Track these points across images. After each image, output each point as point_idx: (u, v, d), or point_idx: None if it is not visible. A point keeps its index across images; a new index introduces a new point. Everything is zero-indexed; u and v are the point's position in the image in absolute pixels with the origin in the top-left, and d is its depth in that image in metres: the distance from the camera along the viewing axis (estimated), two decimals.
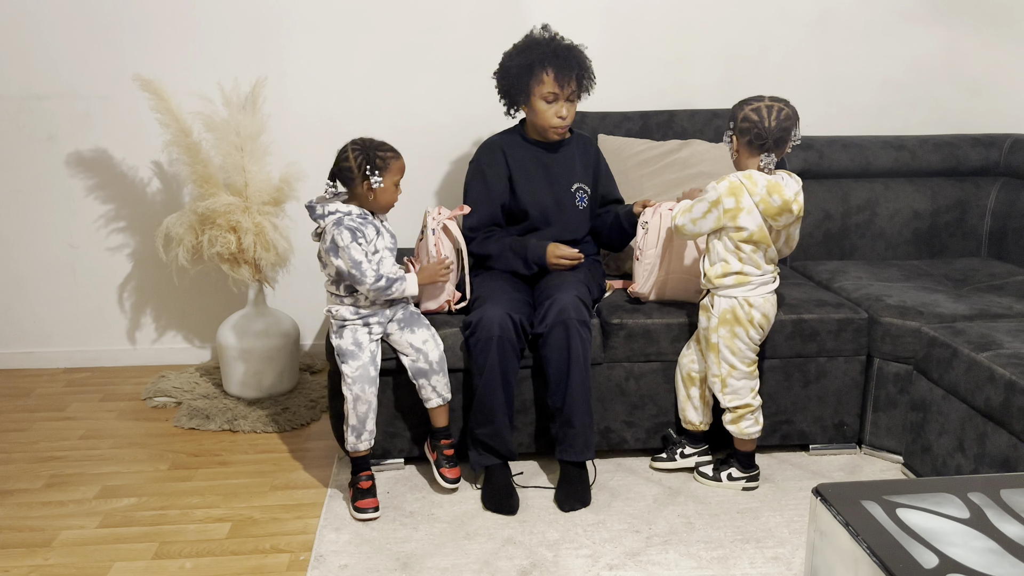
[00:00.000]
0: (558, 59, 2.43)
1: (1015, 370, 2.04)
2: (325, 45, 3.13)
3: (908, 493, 1.34)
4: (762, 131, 2.21)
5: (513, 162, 2.57)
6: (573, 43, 2.50)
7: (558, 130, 2.52)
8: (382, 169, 2.24)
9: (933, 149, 3.14)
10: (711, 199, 2.23)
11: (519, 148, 2.59)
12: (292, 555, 2.13)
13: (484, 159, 2.59)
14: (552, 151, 2.59)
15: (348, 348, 2.28)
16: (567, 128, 2.54)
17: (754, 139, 2.22)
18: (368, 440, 2.29)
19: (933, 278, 2.80)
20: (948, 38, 3.29)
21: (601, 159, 2.71)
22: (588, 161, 2.64)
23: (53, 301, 3.32)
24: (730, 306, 2.28)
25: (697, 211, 2.26)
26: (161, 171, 3.22)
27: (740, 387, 2.33)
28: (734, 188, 2.22)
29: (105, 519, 2.29)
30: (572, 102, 2.49)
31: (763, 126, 2.21)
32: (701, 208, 2.25)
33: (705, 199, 2.25)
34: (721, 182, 2.24)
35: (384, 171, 2.25)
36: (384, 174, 2.25)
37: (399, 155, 2.29)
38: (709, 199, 2.24)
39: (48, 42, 3.07)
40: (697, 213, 2.26)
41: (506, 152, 2.58)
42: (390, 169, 2.26)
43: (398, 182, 2.30)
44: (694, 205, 2.28)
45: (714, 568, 2.06)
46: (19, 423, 2.88)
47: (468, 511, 2.31)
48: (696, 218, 2.26)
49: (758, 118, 2.21)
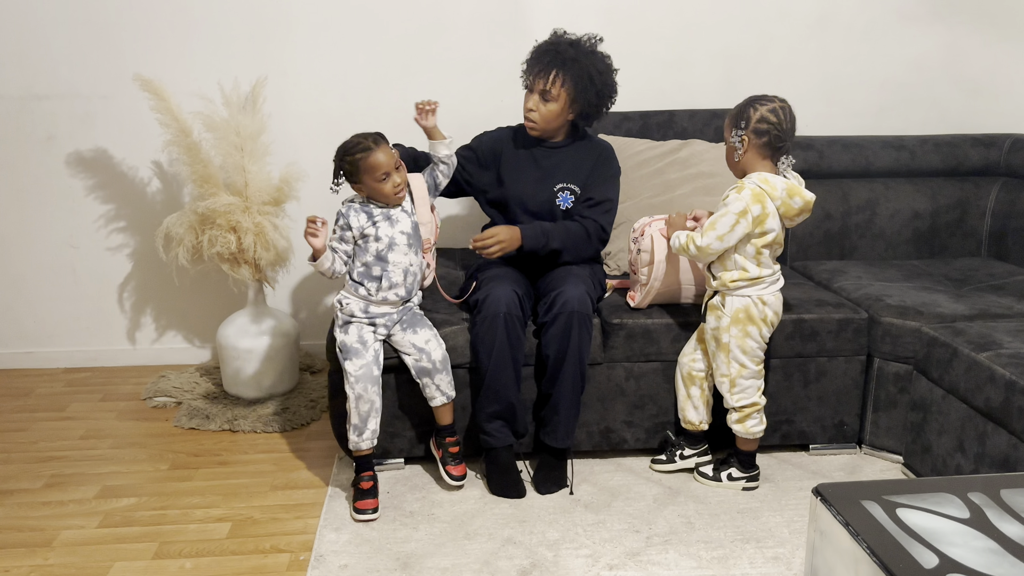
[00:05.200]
0: (536, 53, 2.45)
1: (1015, 370, 2.04)
2: (325, 45, 3.13)
3: (908, 493, 1.34)
4: (783, 133, 2.18)
5: (508, 152, 2.59)
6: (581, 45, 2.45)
7: (527, 123, 2.50)
8: (352, 174, 2.25)
9: (933, 149, 3.14)
10: (737, 210, 2.17)
11: (519, 141, 2.60)
12: (292, 555, 2.13)
13: (488, 135, 2.66)
14: (550, 150, 2.57)
15: (353, 345, 2.28)
16: (537, 125, 2.48)
17: (773, 140, 2.18)
18: (370, 440, 2.29)
19: (933, 278, 2.80)
20: (948, 38, 3.29)
21: (604, 165, 2.59)
22: (585, 164, 2.59)
23: (53, 301, 3.32)
24: (744, 305, 2.27)
25: (723, 226, 2.19)
26: (161, 171, 3.22)
27: (749, 386, 2.33)
28: (757, 195, 2.17)
29: (105, 519, 2.29)
30: (546, 100, 2.44)
31: (783, 128, 2.18)
32: (727, 222, 2.18)
33: (729, 212, 2.18)
34: (742, 191, 2.18)
35: (357, 173, 2.24)
36: (359, 176, 2.24)
37: (371, 149, 2.21)
38: (735, 211, 2.17)
39: (48, 42, 3.07)
40: (723, 228, 2.19)
41: (507, 141, 2.62)
42: (362, 169, 2.23)
43: (382, 176, 2.23)
44: (716, 222, 2.20)
45: (714, 568, 2.06)
46: (19, 423, 2.88)
47: (468, 511, 2.31)
48: (723, 234, 2.19)
49: (777, 119, 2.17)
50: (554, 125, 2.50)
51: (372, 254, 2.29)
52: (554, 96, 2.43)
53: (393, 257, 2.29)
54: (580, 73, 2.43)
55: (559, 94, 2.43)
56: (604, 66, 2.48)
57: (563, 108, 2.47)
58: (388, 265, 2.29)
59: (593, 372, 2.48)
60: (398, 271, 2.30)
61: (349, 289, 2.34)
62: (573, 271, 2.44)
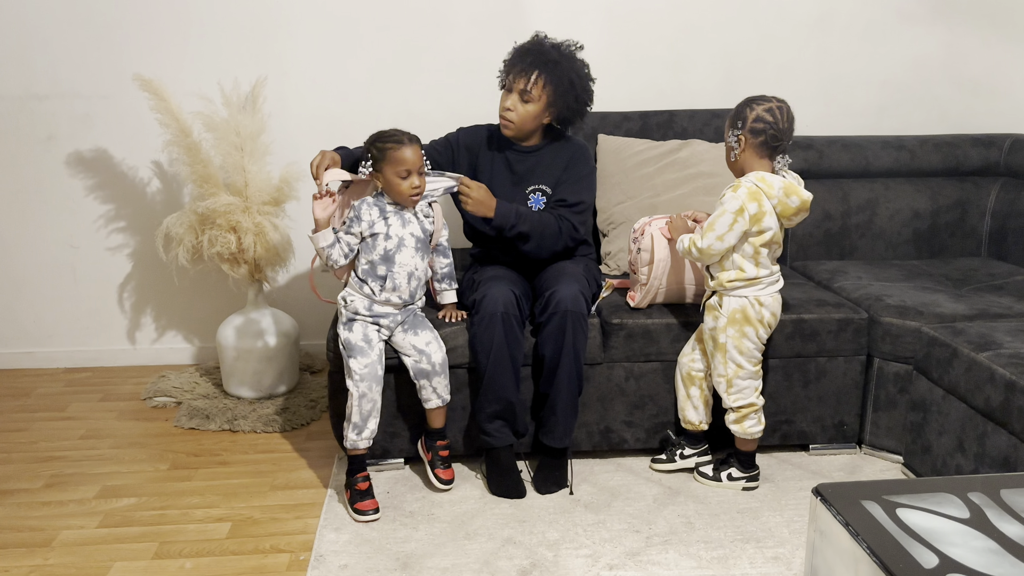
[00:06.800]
0: (518, 52, 2.43)
1: (1015, 370, 2.04)
2: (325, 45, 3.13)
3: (908, 493, 1.34)
4: (779, 132, 2.18)
5: (483, 153, 2.56)
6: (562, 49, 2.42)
7: (502, 123, 2.46)
8: (377, 160, 2.23)
9: (933, 149, 3.14)
10: (733, 209, 2.18)
11: (494, 143, 2.57)
12: (292, 555, 2.13)
13: (465, 131, 2.62)
14: (524, 154, 2.54)
15: (357, 343, 2.27)
16: (513, 125, 2.45)
17: (770, 140, 2.19)
18: (369, 439, 2.29)
19: (933, 278, 2.80)
20: (948, 38, 3.29)
21: (577, 165, 2.53)
22: (557, 165, 2.53)
23: (53, 301, 3.32)
24: (740, 305, 2.27)
25: (721, 226, 2.20)
26: (161, 171, 3.22)
27: (746, 387, 2.33)
28: (753, 193, 2.18)
29: (105, 519, 2.29)
30: (525, 101, 2.41)
31: (779, 127, 2.18)
32: (725, 221, 2.19)
33: (726, 211, 2.19)
34: (738, 190, 2.19)
35: (381, 161, 2.22)
36: (381, 164, 2.23)
37: (403, 143, 2.20)
38: (731, 209, 2.18)
39: (48, 42, 3.07)
40: (722, 228, 2.20)
41: (483, 142, 2.58)
42: (387, 159, 2.21)
43: (404, 172, 2.21)
44: (714, 222, 2.21)
45: (714, 568, 2.06)
46: (19, 423, 2.88)
47: (468, 511, 2.31)
48: (722, 233, 2.20)
49: (773, 119, 2.18)
50: (530, 126, 2.47)
51: (379, 252, 2.28)
52: (534, 97, 2.41)
53: (400, 258, 2.28)
54: (561, 76, 2.40)
55: (539, 95, 2.41)
56: (584, 72, 2.46)
57: (541, 110, 2.44)
58: (394, 266, 2.28)
59: (593, 372, 2.48)
60: (403, 273, 2.29)
61: (353, 287, 2.33)
62: (567, 270, 2.44)
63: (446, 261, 2.48)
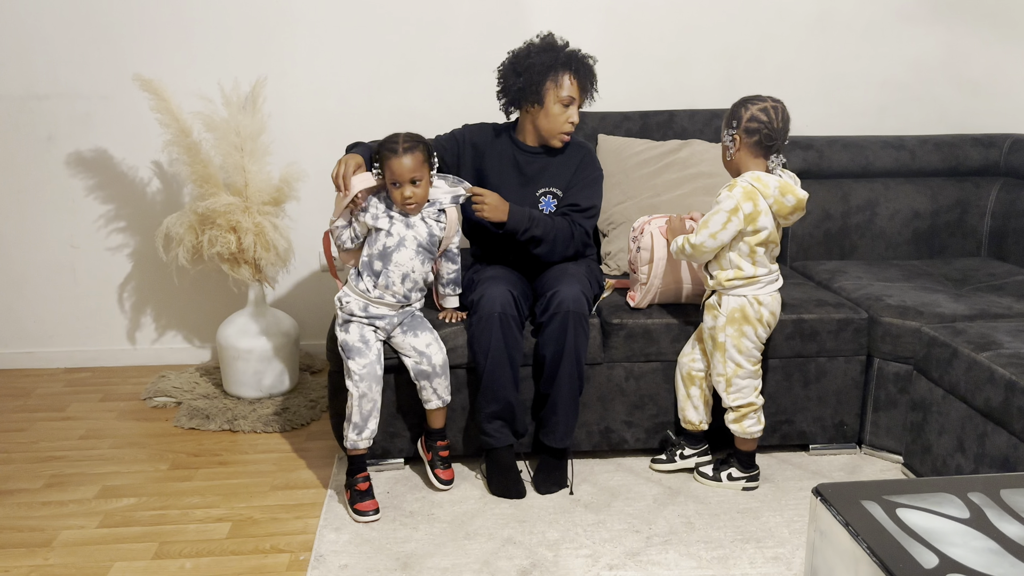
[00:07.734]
0: (581, 65, 2.43)
1: (1015, 370, 2.04)
2: (325, 45, 3.13)
3: (908, 493, 1.34)
4: (772, 132, 2.19)
5: (491, 153, 2.55)
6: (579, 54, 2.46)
7: (565, 136, 2.48)
8: (380, 164, 2.26)
9: (933, 149, 3.14)
10: (728, 208, 2.19)
11: (503, 144, 2.56)
12: (292, 555, 2.13)
13: (471, 128, 2.60)
14: (532, 156, 2.54)
15: (355, 344, 2.28)
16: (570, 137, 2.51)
17: (764, 139, 2.20)
18: (369, 439, 2.29)
19: (933, 278, 2.80)
20: (948, 38, 3.29)
21: (587, 168, 2.55)
22: (568, 168, 2.55)
23: (53, 301, 3.32)
24: (739, 305, 2.27)
25: (715, 224, 2.21)
26: (161, 171, 3.22)
27: (745, 386, 2.33)
28: (749, 192, 2.19)
29: (105, 519, 2.29)
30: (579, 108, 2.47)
31: (773, 127, 2.19)
32: (719, 220, 2.20)
33: (721, 209, 2.20)
34: (734, 189, 2.20)
35: (381, 167, 2.26)
36: (382, 170, 2.25)
37: (397, 153, 2.20)
38: (726, 208, 2.19)
39: (48, 42, 3.07)
40: (715, 226, 2.21)
41: (490, 141, 2.56)
42: (385, 166, 2.24)
43: (392, 182, 2.23)
44: (709, 220, 2.22)
45: (714, 568, 2.06)
46: (19, 423, 2.88)
47: (468, 511, 2.31)
48: (715, 231, 2.21)
49: (767, 118, 2.19)
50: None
51: (379, 248, 2.29)
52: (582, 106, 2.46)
53: (397, 257, 2.28)
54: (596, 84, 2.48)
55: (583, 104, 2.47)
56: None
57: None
58: (390, 264, 2.28)
59: (593, 372, 2.48)
60: (397, 273, 2.29)
61: (351, 283, 2.34)
62: (569, 270, 2.44)
63: (453, 267, 2.46)
